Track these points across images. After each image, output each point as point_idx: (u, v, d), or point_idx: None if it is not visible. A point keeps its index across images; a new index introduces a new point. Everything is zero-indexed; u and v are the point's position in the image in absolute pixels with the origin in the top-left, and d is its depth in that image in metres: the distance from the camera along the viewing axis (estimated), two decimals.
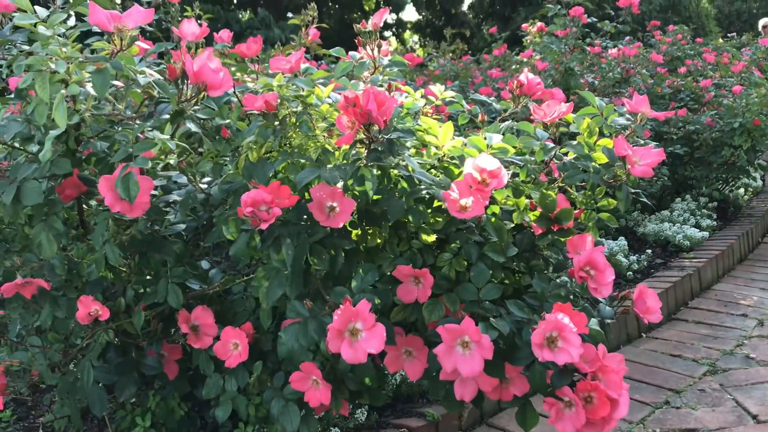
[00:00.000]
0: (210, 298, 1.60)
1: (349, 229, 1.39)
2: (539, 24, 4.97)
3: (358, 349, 1.15)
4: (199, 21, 3.23)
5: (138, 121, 1.25)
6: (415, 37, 19.57)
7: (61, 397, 1.75)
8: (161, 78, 1.26)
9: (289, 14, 2.70)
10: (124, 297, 1.49)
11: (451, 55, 4.90)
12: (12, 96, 1.36)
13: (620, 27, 4.52)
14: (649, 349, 2.72)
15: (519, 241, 1.39)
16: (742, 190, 5.17)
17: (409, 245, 1.37)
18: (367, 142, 1.20)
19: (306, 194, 1.37)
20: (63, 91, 1.03)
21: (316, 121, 1.35)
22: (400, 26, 19.10)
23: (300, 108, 1.31)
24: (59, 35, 1.10)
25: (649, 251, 3.66)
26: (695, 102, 4.78)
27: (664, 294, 3.07)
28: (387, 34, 19.17)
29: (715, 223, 4.28)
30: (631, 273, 3.36)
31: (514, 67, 5.08)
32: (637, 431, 2.06)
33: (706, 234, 3.93)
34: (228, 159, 1.50)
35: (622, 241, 3.56)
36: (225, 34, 2.20)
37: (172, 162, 1.58)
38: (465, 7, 17.17)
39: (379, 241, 1.39)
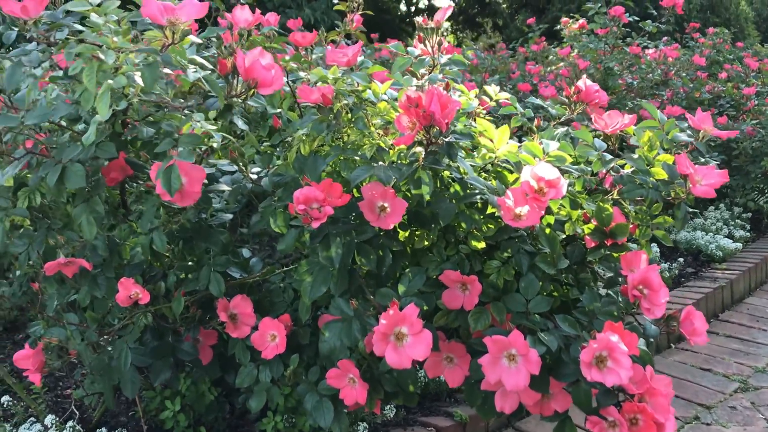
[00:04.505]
0: (249, 287, 1.59)
1: (397, 229, 1.36)
2: (581, 21, 4.88)
3: (403, 355, 1.13)
4: (241, 1, 3.22)
5: (186, 111, 1.22)
6: (446, 23, 19.41)
7: (93, 376, 1.75)
8: (211, 70, 1.24)
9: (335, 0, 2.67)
10: (164, 282, 1.49)
11: (492, 49, 4.83)
12: (61, 75, 1.35)
13: (662, 27, 4.43)
14: (679, 361, 2.68)
15: (570, 253, 1.36)
16: None
17: (457, 250, 1.34)
18: (426, 143, 1.17)
19: (355, 191, 1.35)
20: (110, 81, 1.01)
21: (371, 117, 1.32)
22: (431, 12, 18.93)
23: (355, 103, 1.29)
24: (111, 22, 1.07)
25: (681, 260, 3.60)
26: (735, 109, 4.68)
27: (696, 305, 3.01)
28: (418, 19, 19.05)
29: (748, 234, 4.20)
30: None
31: (551, 60, 5.01)
32: None
33: (739, 245, 3.86)
34: (276, 148, 1.49)
35: (654, 248, 3.51)
36: (272, 18, 2.18)
37: (215, 145, 1.57)
38: None
39: (426, 243, 1.36)
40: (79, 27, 1.22)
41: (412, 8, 18.60)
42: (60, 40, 1.17)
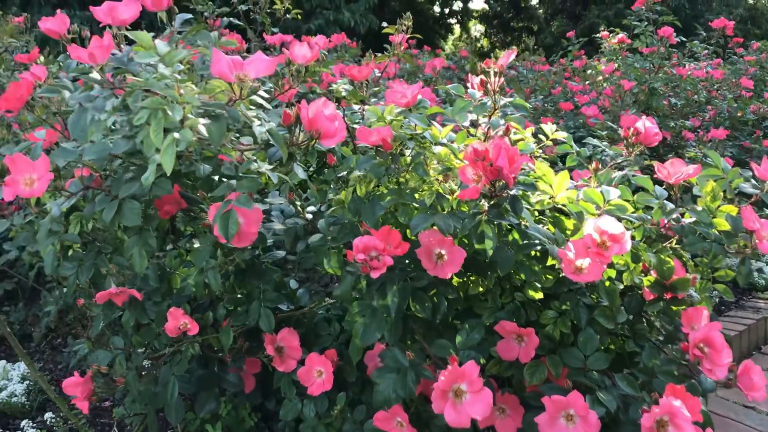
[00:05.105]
0: (296, 319, 1.58)
1: (452, 275, 1.34)
2: (620, 36, 4.81)
3: (462, 413, 1.11)
4: (288, 15, 3.20)
5: (246, 154, 1.21)
6: (479, 26, 19.32)
7: (134, 395, 1.76)
8: (267, 108, 1.23)
9: (384, 24, 2.69)
10: (213, 312, 1.48)
11: (533, 59, 4.77)
12: (120, 105, 1.35)
13: (709, 48, 4.34)
14: (721, 396, 2.62)
15: (627, 304, 1.33)
16: None
17: (512, 297, 1.32)
18: (489, 195, 1.15)
19: (407, 231, 1.33)
20: (176, 135, 1.00)
21: (429, 160, 1.30)
22: (465, 14, 18.86)
23: (415, 148, 1.27)
24: (177, 71, 1.07)
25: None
26: None
27: (738, 337, 2.95)
28: (452, 21, 18.99)
29: None
30: None
31: (590, 74, 4.93)
32: None
33: None
34: (330, 185, 1.47)
35: None
36: (321, 40, 2.17)
37: (262, 169, 1.57)
38: (535, 1, 16.84)
39: (481, 289, 1.34)
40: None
41: (446, 10, 18.54)
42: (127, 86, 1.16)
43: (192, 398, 1.70)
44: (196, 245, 1.58)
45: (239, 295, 1.49)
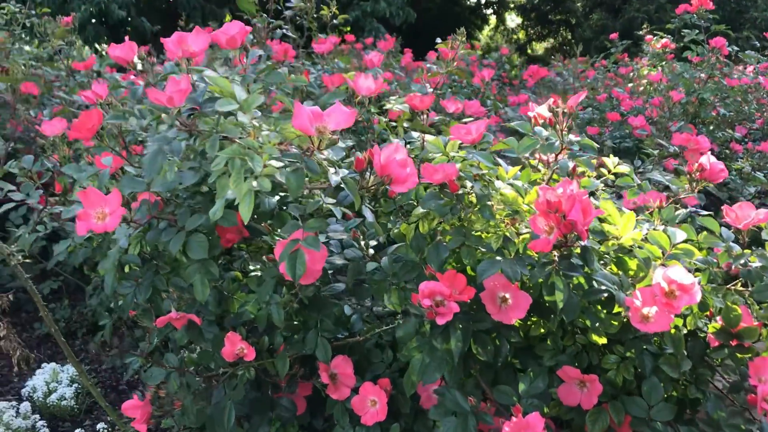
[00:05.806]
0: (350, 347, 1.59)
1: None
2: (664, 41, 4.72)
3: None
4: (335, 21, 3.19)
5: (316, 191, 1.22)
6: (514, 16, 19.12)
7: (186, 414, 1.78)
8: (339, 152, 1.23)
9: (438, 39, 2.70)
10: (269, 338, 1.49)
11: (579, 66, 4.69)
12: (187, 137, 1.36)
13: (762, 58, 4.24)
14: None
15: (690, 350, 1.31)
16: None
17: (574, 340, 1.31)
18: (560, 245, 1.14)
19: (468, 268, 1.32)
20: (254, 183, 1.01)
21: (494, 198, 1.29)
22: (501, 6, 18.68)
23: (481, 189, 1.26)
24: (256, 118, 1.07)
25: None
26: None
27: None
28: (487, 12, 18.82)
29: None
30: None
31: (634, 75, 4.85)
32: None
33: None
34: (390, 216, 1.47)
35: None
36: (376, 58, 2.17)
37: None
38: None
39: (542, 330, 1.33)
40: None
41: (483, 0, 18.37)
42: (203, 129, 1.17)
43: (242, 416, 1.72)
44: (251, 267, 1.60)
45: (296, 322, 1.50)
